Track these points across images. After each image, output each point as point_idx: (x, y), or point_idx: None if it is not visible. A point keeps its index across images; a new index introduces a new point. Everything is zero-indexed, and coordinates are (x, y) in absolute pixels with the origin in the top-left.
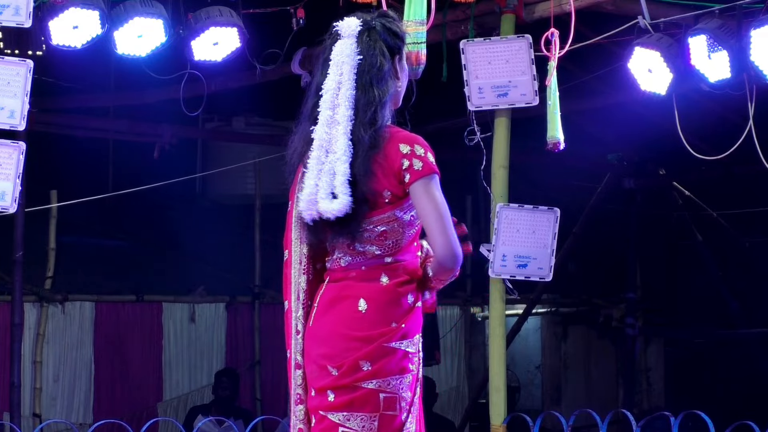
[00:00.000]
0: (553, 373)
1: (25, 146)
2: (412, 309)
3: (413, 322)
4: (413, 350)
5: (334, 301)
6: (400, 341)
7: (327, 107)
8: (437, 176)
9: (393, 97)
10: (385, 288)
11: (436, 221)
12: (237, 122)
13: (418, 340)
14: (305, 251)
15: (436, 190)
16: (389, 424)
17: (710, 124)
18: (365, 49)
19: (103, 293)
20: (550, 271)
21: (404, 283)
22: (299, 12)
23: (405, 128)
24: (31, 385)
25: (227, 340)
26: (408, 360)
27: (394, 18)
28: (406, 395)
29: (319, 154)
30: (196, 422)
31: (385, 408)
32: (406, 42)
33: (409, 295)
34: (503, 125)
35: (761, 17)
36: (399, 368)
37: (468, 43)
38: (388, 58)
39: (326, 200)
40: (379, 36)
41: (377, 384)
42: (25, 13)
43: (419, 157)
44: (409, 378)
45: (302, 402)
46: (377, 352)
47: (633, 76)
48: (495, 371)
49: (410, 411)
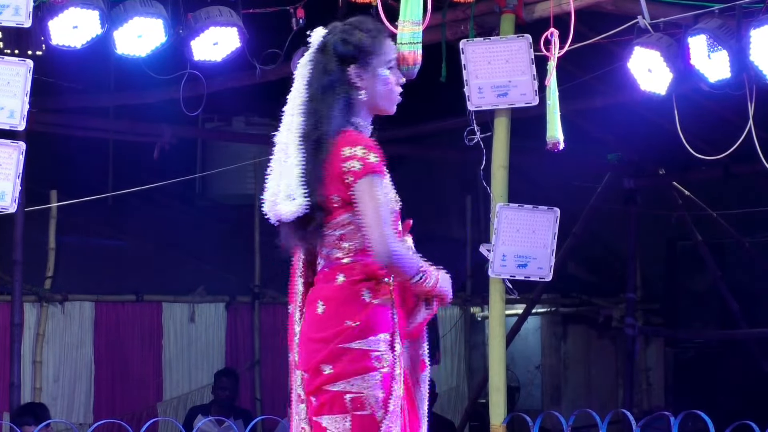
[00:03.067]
0: (552, 373)
1: (24, 146)
2: (368, 306)
3: (373, 319)
4: (378, 348)
5: (308, 305)
6: (357, 340)
7: (288, 113)
8: (378, 176)
9: (353, 103)
10: (340, 287)
11: (371, 219)
12: (237, 122)
13: (386, 338)
14: (302, 255)
15: (374, 190)
16: (362, 423)
17: (710, 124)
18: (316, 60)
19: (102, 293)
20: (550, 271)
21: (359, 281)
22: (299, 12)
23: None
24: (31, 385)
25: (227, 340)
26: (370, 358)
27: (360, 26)
28: (377, 393)
29: (279, 156)
30: (196, 422)
31: (355, 408)
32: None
33: (365, 292)
34: (503, 125)
35: (761, 17)
36: (360, 367)
37: (468, 43)
38: (338, 67)
39: (284, 202)
40: (333, 47)
41: (342, 386)
42: (25, 13)
43: (359, 158)
44: (378, 376)
45: (303, 401)
46: (335, 354)
47: (633, 76)
48: (495, 371)
49: (387, 409)
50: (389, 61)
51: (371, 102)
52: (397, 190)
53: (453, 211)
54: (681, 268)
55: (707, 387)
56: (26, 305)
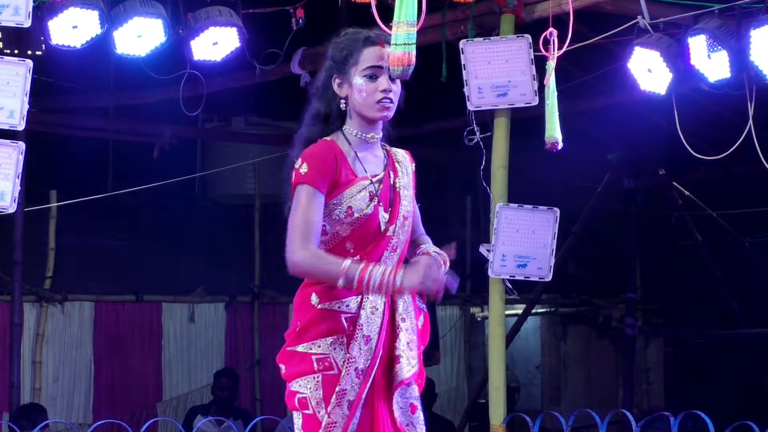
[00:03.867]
0: (552, 373)
1: (24, 146)
2: (312, 309)
3: (314, 323)
4: (315, 351)
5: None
6: (300, 343)
7: None
8: (301, 186)
9: (336, 113)
10: (299, 290)
11: (288, 227)
12: (237, 122)
13: (332, 340)
14: None
15: (296, 199)
16: (307, 422)
17: (710, 124)
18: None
19: (102, 293)
20: (550, 271)
21: (308, 284)
22: (299, 12)
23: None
24: (31, 385)
25: (227, 340)
26: (307, 362)
27: (339, 36)
28: (317, 394)
29: None
30: (196, 422)
31: (301, 407)
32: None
33: (312, 295)
34: (503, 125)
35: (761, 17)
36: (299, 370)
37: (467, 43)
38: (325, 78)
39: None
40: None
41: (292, 385)
42: (25, 13)
43: (294, 168)
44: (318, 378)
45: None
46: (284, 355)
47: (633, 76)
48: (495, 371)
49: (328, 411)
50: (364, 70)
51: (355, 110)
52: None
53: (453, 211)
54: (681, 268)
55: (707, 387)
56: (26, 305)
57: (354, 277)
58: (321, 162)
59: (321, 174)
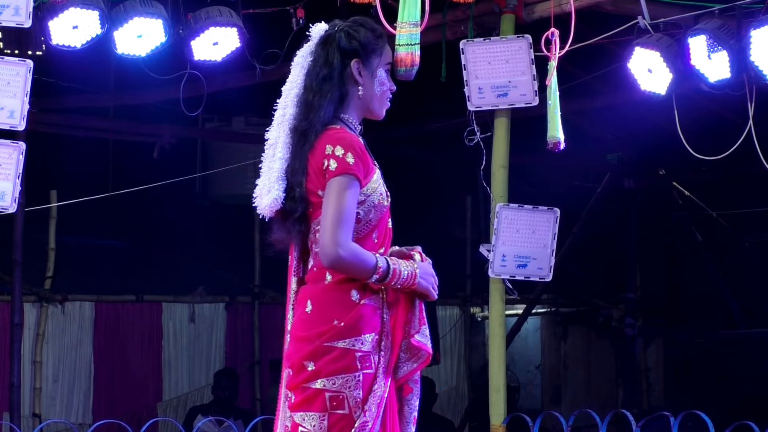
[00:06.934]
0: (552, 373)
1: (24, 146)
2: (356, 306)
3: (359, 319)
4: (362, 348)
5: (297, 304)
6: (342, 339)
7: (281, 107)
8: (349, 177)
9: (348, 100)
10: (327, 287)
11: (328, 219)
12: (237, 122)
13: (373, 338)
14: (296, 254)
15: (343, 190)
16: (339, 422)
17: (710, 124)
18: (318, 52)
19: (102, 293)
20: (550, 271)
21: (345, 280)
22: (299, 12)
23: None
24: (31, 385)
25: (227, 341)
26: (353, 358)
27: (365, 24)
28: (356, 394)
29: (269, 153)
30: (196, 422)
31: (333, 407)
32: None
33: (353, 291)
34: (503, 125)
35: (761, 17)
36: (342, 366)
37: (468, 43)
38: (339, 61)
39: (264, 196)
40: (337, 40)
41: (322, 383)
42: (25, 13)
43: (336, 157)
44: (360, 376)
45: (289, 399)
46: (318, 351)
47: (633, 76)
48: (495, 371)
49: (364, 410)
50: (387, 64)
51: (365, 101)
52: (397, 190)
53: (453, 211)
54: (681, 268)
55: (707, 387)
56: (26, 305)
57: (388, 272)
58: (363, 152)
59: (364, 165)
